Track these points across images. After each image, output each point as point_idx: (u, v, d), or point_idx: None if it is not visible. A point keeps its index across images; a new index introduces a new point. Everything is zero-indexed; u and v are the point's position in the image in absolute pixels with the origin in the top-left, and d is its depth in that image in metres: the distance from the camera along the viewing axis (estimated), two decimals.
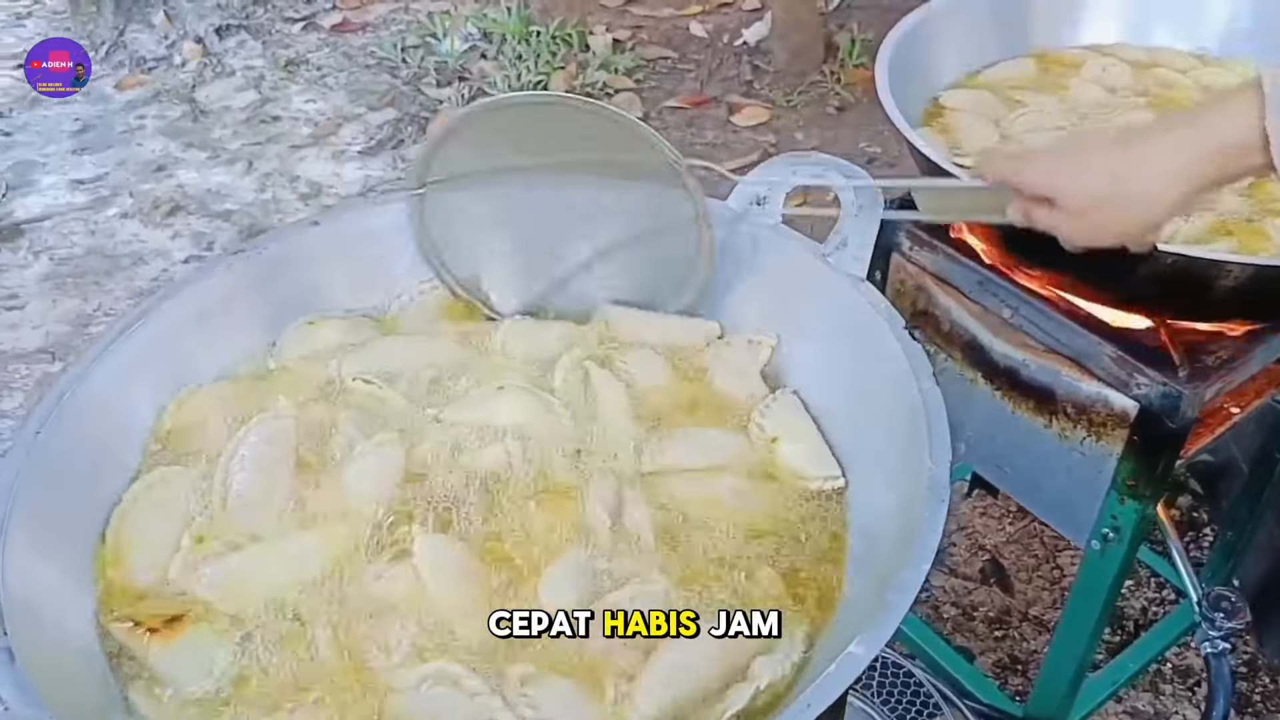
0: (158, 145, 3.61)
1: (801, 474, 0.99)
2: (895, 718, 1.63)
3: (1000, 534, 2.19)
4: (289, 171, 3.46)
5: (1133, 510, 1.23)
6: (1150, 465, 1.20)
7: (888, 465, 0.92)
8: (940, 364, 1.40)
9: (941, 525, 0.76)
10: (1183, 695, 1.90)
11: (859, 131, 3.44)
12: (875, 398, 0.96)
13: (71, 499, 0.91)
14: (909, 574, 0.73)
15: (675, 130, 3.52)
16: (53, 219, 3.26)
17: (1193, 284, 1.09)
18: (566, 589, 0.87)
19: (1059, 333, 1.22)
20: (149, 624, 0.85)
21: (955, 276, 1.33)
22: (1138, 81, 1.54)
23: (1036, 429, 1.30)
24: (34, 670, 0.74)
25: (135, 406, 1.00)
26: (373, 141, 3.57)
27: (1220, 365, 1.16)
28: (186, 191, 3.37)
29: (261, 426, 1.00)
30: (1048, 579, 2.10)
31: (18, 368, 2.72)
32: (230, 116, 3.74)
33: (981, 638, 2.01)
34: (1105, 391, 1.20)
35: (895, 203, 1.40)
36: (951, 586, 2.10)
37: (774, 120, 3.55)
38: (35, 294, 2.97)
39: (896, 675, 1.69)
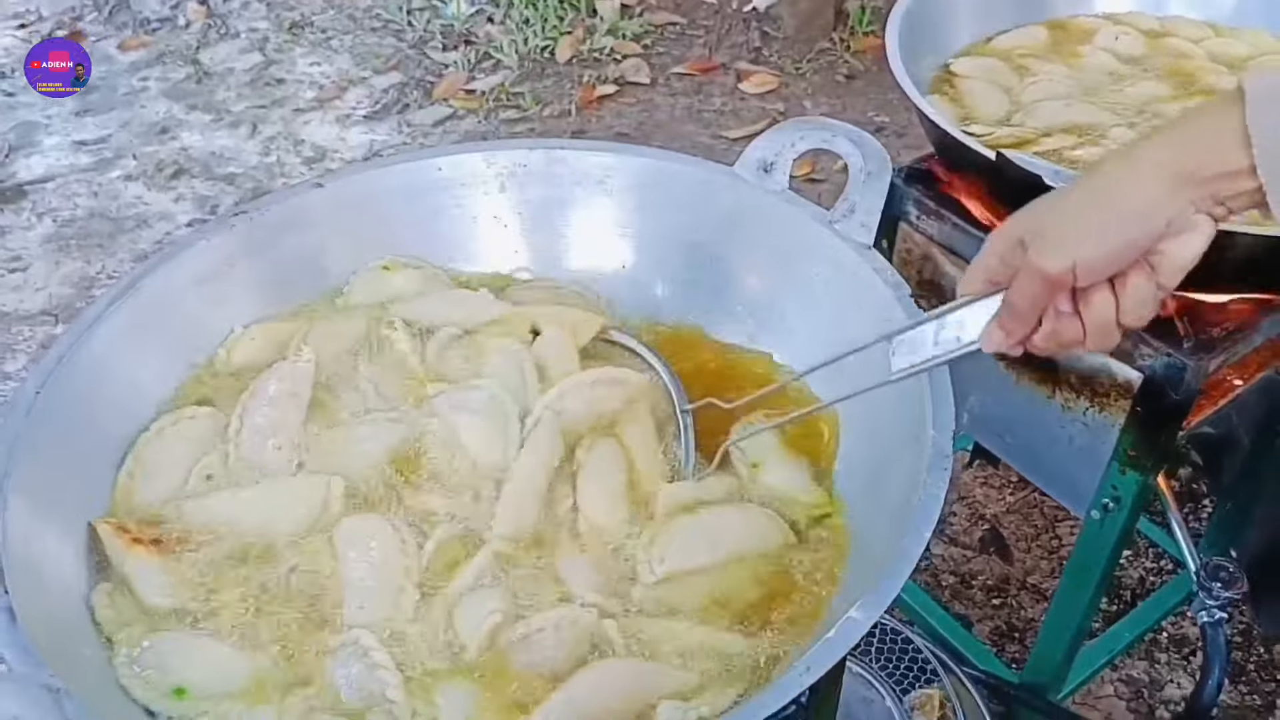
0: (161, 107, 3.59)
1: (793, 498, 0.98)
2: (893, 683, 1.64)
3: (1000, 504, 2.20)
4: (293, 135, 3.44)
5: (1133, 481, 1.24)
6: (1152, 436, 1.20)
7: (891, 433, 0.92)
8: None
9: (944, 493, 0.76)
10: (1178, 664, 1.92)
11: (868, 100, 3.42)
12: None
13: (72, 460, 0.91)
14: (910, 541, 0.73)
15: (683, 97, 3.50)
16: (55, 180, 3.25)
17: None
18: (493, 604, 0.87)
19: None
20: (134, 534, 0.89)
21: (962, 245, 1.32)
22: (1151, 51, 1.53)
23: (1039, 399, 1.30)
24: (35, 630, 0.74)
25: (136, 367, 1.00)
26: (378, 105, 3.55)
27: (1225, 337, 1.16)
28: (190, 154, 3.36)
29: (281, 371, 1.02)
30: (1046, 548, 2.11)
31: (21, 329, 2.73)
32: (234, 79, 3.72)
33: (980, 605, 2.02)
34: (1109, 362, 1.20)
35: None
36: (951, 555, 2.11)
37: (782, 88, 3.52)
38: (38, 256, 2.97)
39: (895, 641, 1.70)
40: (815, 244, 1.04)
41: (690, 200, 1.14)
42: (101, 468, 0.95)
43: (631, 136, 3.30)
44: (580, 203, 1.18)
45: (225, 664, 0.83)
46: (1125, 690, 1.88)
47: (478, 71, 3.66)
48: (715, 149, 3.21)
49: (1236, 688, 1.88)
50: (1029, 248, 0.76)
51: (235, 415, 0.99)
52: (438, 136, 3.39)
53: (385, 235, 1.16)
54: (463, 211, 1.18)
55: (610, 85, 3.55)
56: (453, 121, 3.46)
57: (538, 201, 1.18)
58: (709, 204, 1.13)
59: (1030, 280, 0.76)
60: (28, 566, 0.80)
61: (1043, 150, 1.29)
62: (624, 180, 1.16)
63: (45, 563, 0.83)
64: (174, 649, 0.83)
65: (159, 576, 0.87)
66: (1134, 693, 1.88)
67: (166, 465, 0.96)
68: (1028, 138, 1.32)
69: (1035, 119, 1.37)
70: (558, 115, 3.44)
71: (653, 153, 1.18)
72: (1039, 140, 1.32)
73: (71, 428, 0.92)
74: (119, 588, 0.87)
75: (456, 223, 1.18)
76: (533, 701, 0.80)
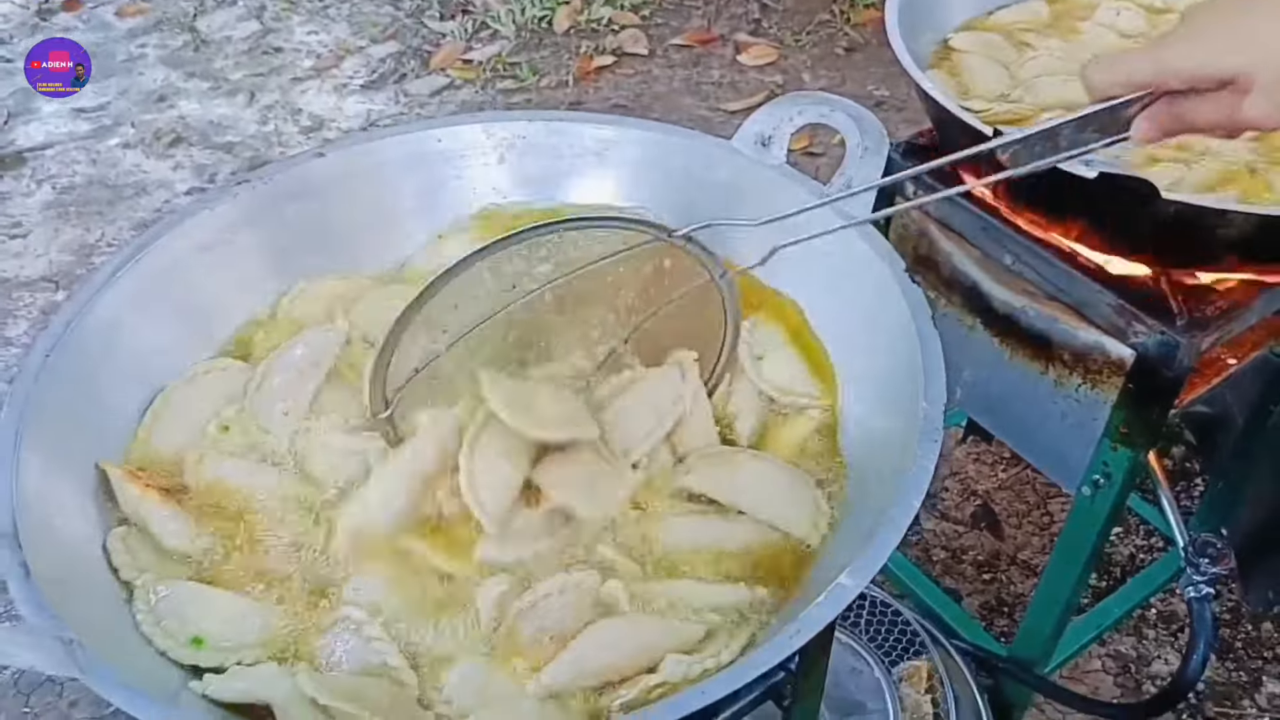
0: (159, 75, 3.58)
1: (787, 390, 1.01)
2: (882, 654, 1.66)
3: (992, 480, 2.22)
4: (291, 104, 3.43)
5: (1125, 458, 1.25)
6: (1144, 414, 1.21)
7: (884, 406, 0.93)
8: (940, 310, 1.41)
9: (933, 464, 0.77)
10: (1165, 640, 1.94)
11: (867, 73, 3.41)
12: (874, 339, 0.97)
13: (82, 420, 0.93)
14: (899, 510, 0.74)
15: (681, 69, 3.49)
16: (55, 148, 3.24)
17: (1195, 233, 1.10)
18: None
19: (1059, 280, 1.23)
20: (146, 479, 0.92)
21: (958, 222, 1.33)
22: (1151, 27, 1.53)
23: (1033, 375, 1.31)
24: (48, 585, 0.76)
25: (142, 332, 1.01)
26: (375, 75, 3.53)
27: (1219, 315, 1.17)
28: (188, 122, 3.35)
29: (309, 337, 1.04)
30: (1037, 525, 2.13)
31: (21, 295, 2.73)
32: (232, 47, 3.70)
33: (970, 580, 2.04)
34: (1103, 339, 1.21)
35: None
36: (942, 530, 2.13)
37: (781, 60, 3.51)
38: (38, 223, 2.97)
39: (885, 614, 1.72)
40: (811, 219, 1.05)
41: (688, 173, 1.14)
42: (111, 427, 0.96)
43: (629, 108, 3.29)
44: (579, 174, 1.18)
45: (240, 617, 0.85)
46: (1113, 665, 1.91)
47: (475, 41, 3.65)
48: (713, 121, 3.21)
49: (1224, 664, 1.90)
50: (1235, 89, 0.81)
51: (259, 371, 1.01)
52: (435, 106, 3.38)
53: (386, 205, 1.16)
54: (462, 183, 1.18)
55: (608, 56, 3.53)
56: (450, 91, 3.45)
57: (536, 173, 1.18)
58: (707, 177, 1.13)
59: (1221, 120, 0.83)
60: (42, 523, 0.82)
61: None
62: (622, 153, 1.17)
63: (59, 519, 0.85)
64: (191, 599, 0.85)
65: (173, 522, 0.90)
66: (1121, 667, 1.91)
67: (189, 414, 0.99)
68: (1025, 114, 1.33)
69: (1034, 95, 1.38)
70: (555, 86, 3.43)
71: (651, 126, 1.18)
72: (1037, 116, 1.32)
73: (81, 390, 0.93)
74: (134, 532, 0.90)
75: (457, 194, 1.18)
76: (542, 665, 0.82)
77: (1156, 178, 1.07)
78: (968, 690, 1.67)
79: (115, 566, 0.87)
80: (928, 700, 1.64)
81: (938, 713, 1.63)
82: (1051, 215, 1.21)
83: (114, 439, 0.96)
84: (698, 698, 0.69)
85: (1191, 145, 1.27)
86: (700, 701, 0.69)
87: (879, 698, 1.61)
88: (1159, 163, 1.23)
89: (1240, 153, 1.25)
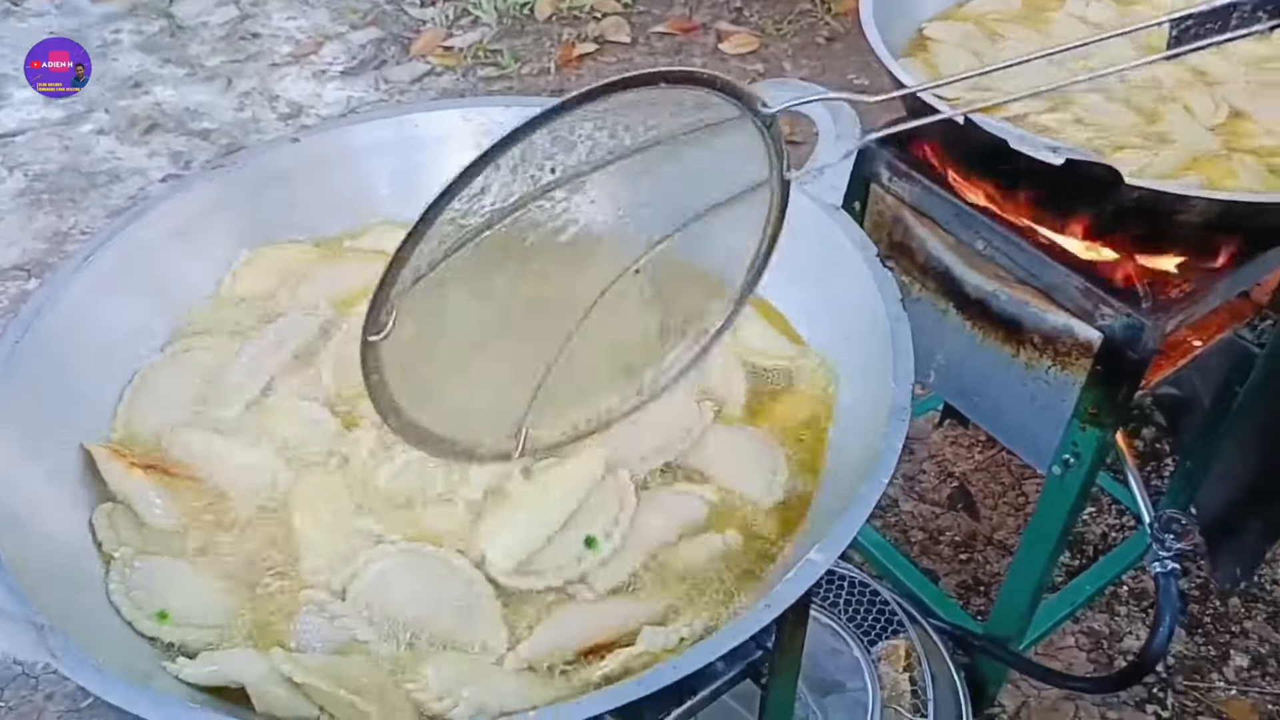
0: (134, 61, 3.55)
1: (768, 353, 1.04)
2: (860, 634, 1.69)
3: (969, 462, 2.25)
4: (269, 90, 3.41)
5: (1093, 438, 1.27)
6: (1111, 394, 1.23)
7: (853, 389, 0.95)
8: (914, 295, 1.42)
9: (900, 443, 0.79)
10: (1137, 616, 1.98)
11: (848, 62, 3.42)
12: (844, 323, 0.98)
13: (54, 406, 0.93)
14: (868, 487, 0.76)
15: (663, 56, 3.49)
16: (27, 134, 3.21)
17: (1158, 218, 1.12)
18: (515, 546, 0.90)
19: (1030, 264, 1.25)
20: (131, 458, 0.93)
21: (932, 208, 1.35)
22: (1120, 18, 1.54)
23: (1005, 358, 1.33)
24: (21, 572, 0.77)
25: (114, 319, 1.01)
26: (354, 61, 3.52)
27: (1183, 299, 1.19)
28: (164, 109, 3.33)
29: (284, 322, 1.06)
30: (1013, 505, 2.16)
31: None
32: (209, 33, 3.68)
33: (947, 560, 2.07)
34: (1071, 322, 1.23)
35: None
36: (920, 512, 2.15)
37: (762, 49, 3.52)
38: (10, 210, 2.94)
39: (863, 594, 1.75)
40: None
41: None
42: (84, 412, 0.97)
43: None
44: None
45: (207, 596, 0.86)
46: (1086, 641, 1.94)
47: (456, 28, 3.64)
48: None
49: (1193, 639, 1.94)
50: None
51: (234, 351, 1.03)
52: (415, 93, 3.37)
53: (361, 191, 1.17)
54: (438, 169, 1.18)
55: (590, 43, 3.53)
56: (430, 78, 3.44)
57: None
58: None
59: None
60: (13, 510, 0.82)
61: (1011, 115, 1.31)
62: None
63: (32, 505, 0.85)
64: (163, 574, 0.86)
65: (157, 499, 0.91)
66: (1094, 643, 1.94)
67: (167, 392, 1.00)
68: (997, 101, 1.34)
69: (1006, 83, 1.39)
70: (537, 74, 3.43)
71: None
72: (1008, 105, 1.34)
73: (52, 377, 0.93)
74: (119, 509, 0.91)
75: (433, 179, 1.18)
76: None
77: (1122, 164, 1.08)
78: (945, 668, 1.69)
79: (99, 541, 0.88)
80: (906, 678, 1.66)
81: (916, 690, 1.66)
82: (1020, 201, 1.23)
83: (87, 424, 0.96)
84: (670, 672, 0.70)
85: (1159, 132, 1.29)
86: (674, 675, 0.71)
87: (858, 676, 1.64)
88: (1124, 149, 1.25)
89: (1206, 140, 1.28)
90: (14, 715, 1.80)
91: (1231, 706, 1.84)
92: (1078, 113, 1.32)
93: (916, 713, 1.63)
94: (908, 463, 2.24)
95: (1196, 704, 1.85)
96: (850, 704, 1.62)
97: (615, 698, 0.71)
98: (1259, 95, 1.34)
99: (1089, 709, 1.83)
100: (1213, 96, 1.34)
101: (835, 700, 1.63)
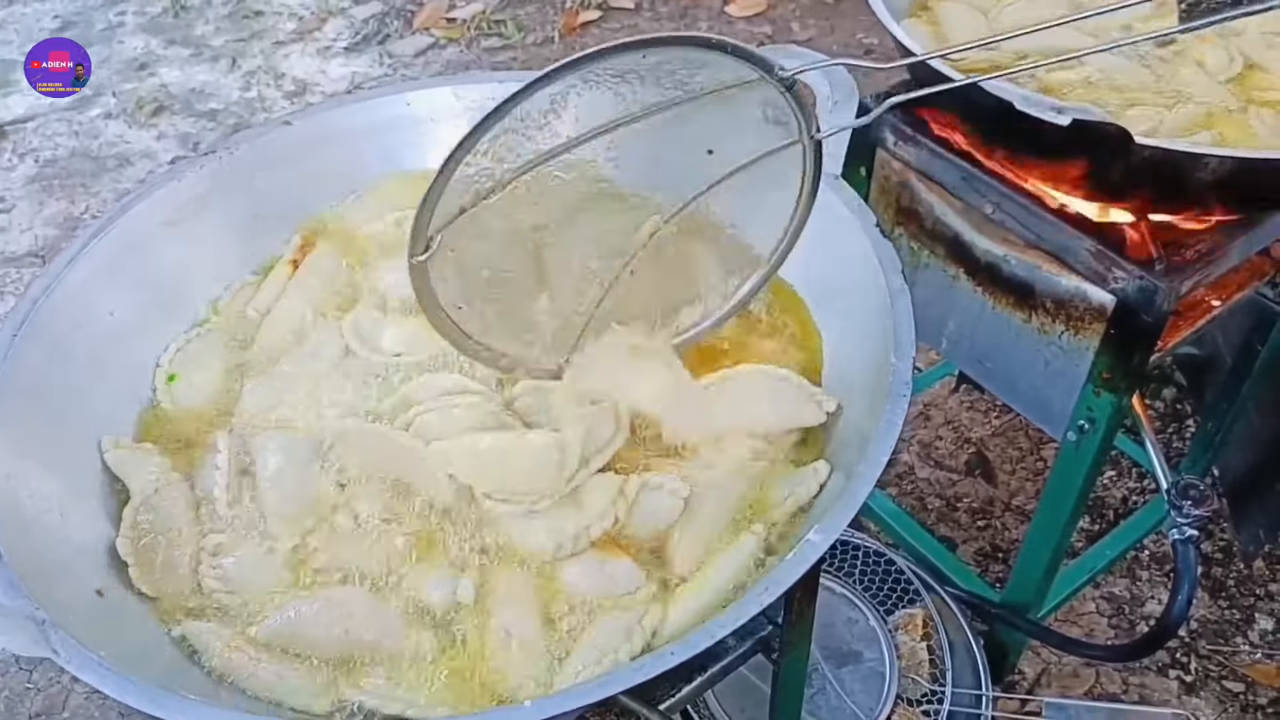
0: (139, 42, 3.54)
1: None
2: (876, 603, 1.68)
3: (986, 428, 2.22)
4: (274, 69, 3.39)
5: (1108, 403, 1.25)
6: (1126, 358, 1.21)
7: (856, 362, 0.93)
8: (923, 262, 1.40)
9: (901, 419, 0.77)
10: (1158, 581, 1.95)
11: (856, 22, 3.36)
12: (845, 295, 0.96)
13: (53, 398, 0.93)
14: (867, 466, 0.74)
15: (669, 21, 3.44)
16: (36, 120, 3.21)
17: (1171, 177, 1.09)
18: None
19: (1040, 228, 1.22)
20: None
21: (939, 172, 1.32)
22: None
23: (1016, 324, 1.31)
24: (22, 568, 0.77)
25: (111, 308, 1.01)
26: (358, 37, 3.49)
27: (1198, 259, 1.16)
28: (170, 91, 3.32)
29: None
30: (1031, 470, 2.14)
31: (8, 271, 2.73)
32: (212, 12, 3.66)
33: (965, 527, 2.05)
34: (1084, 286, 1.20)
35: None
36: (937, 479, 2.14)
37: (770, 10, 3.47)
38: (22, 196, 2.95)
39: (879, 563, 1.74)
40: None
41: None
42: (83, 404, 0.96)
43: None
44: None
45: None
46: (1107, 607, 1.93)
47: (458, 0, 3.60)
48: None
49: (1217, 602, 1.92)
50: None
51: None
52: (419, 67, 3.35)
53: (356, 171, 1.16)
54: (433, 147, 1.17)
55: (594, 11, 3.49)
56: (434, 51, 3.41)
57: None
58: None
59: None
60: (13, 505, 0.82)
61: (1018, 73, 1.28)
62: None
63: (31, 500, 0.85)
64: None
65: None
66: (1115, 609, 1.92)
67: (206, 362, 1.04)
68: (1003, 62, 1.30)
69: (1011, 42, 1.35)
70: (540, 43, 3.39)
71: None
72: (1014, 64, 1.30)
73: (52, 367, 0.93)
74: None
75: (427, 157, 1.17)
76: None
77: (1133, 123, 1.05)
78: (962, 636, 1.69)
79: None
80: (923, 647, 1.66)
81: (933, 659, 1.65)
82: (1028, 163, 1.20)
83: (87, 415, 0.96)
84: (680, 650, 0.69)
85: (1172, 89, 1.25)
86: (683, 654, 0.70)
87: (875, 646, 1.64)
88: (1136, 106, 1.21)
89: (1220, 94, 1.24)
90: (42, 696, 1.83)
91: (1256, 670, 1.82)
92: (1086, 70, 1.28)
93: (934, 681, 1.62)
94: (924, 429, 2.22)
95: (1220, 668, 1.83)
96: (867, 673, 1.62)
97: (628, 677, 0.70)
98: (1276, 45, 1.30)
99: (1110, 675, 1.82)
100: (1227, 49, 1.30)
101: (852, 670, 1.62)
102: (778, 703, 1.21)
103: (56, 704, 1.82)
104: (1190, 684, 1.80)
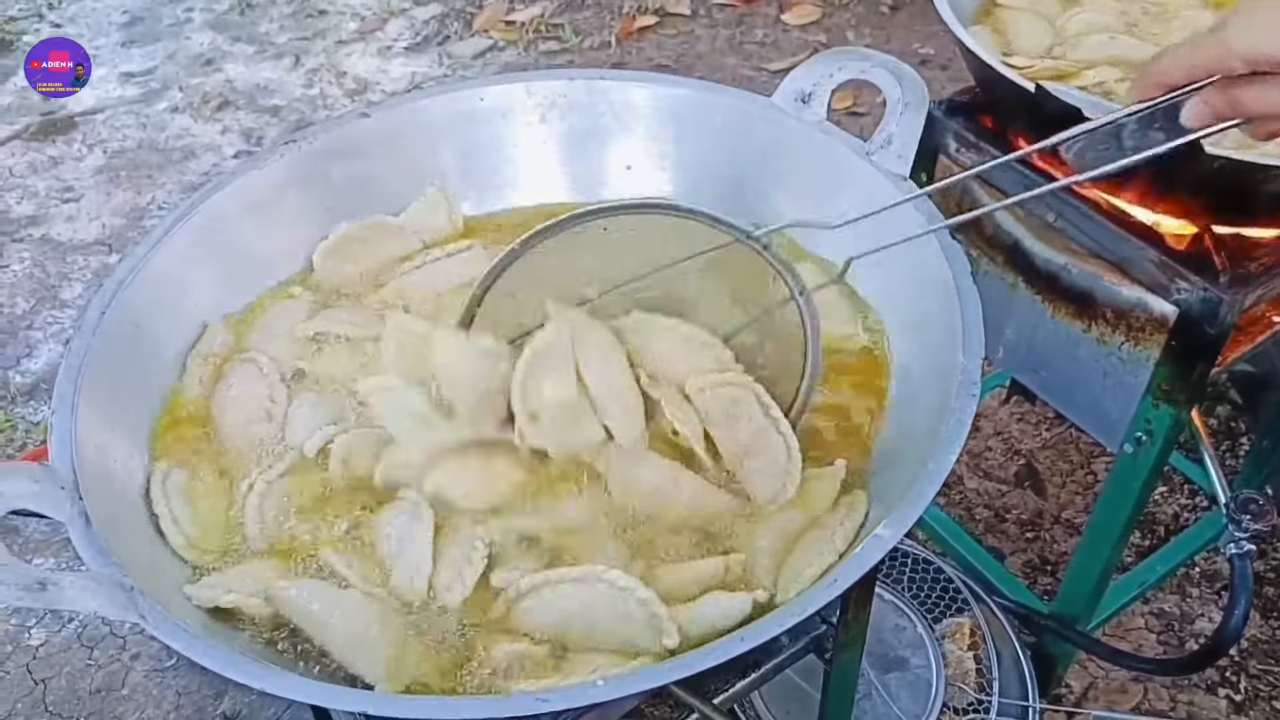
0: (205, 38, 3.62)
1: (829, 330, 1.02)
2: (924, 611, 1.68)
3: (1036, 439, 2.21)
4: (336, 67, 3.46)
5: (1167, 415, 1.24)
6: (1186, 371, 1.20)
7: (925, 361, 0.94)
8: (982, 268, 1.40)
9: (970, 417, 0.78)
10: (1209, 598, 1.93)
11: (911, 32, 3.36)
12: (914, 296, 0.97)
13: (134, 376, 0.96)
14: (936, 463, 0.75)
15: (724, 28, 3.46)
16: (105, 112, 3.30)
17: (1239, 188, 1.08)
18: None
19: (1102, 237, 1.22)
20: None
21: (1000, 179, 1.32)
22: None
23: (1075, 333, 1.31)
24: (107, 532, 0.79)
25: (192, 291, 1.04)
26: (419, 38, 3.55)
27: (1263, 272, 1.15)
28: (235, 86, 3.39)
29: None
30: (1081, 484, 2.13)
31: (75, 259, 2.80)
32: (277, 10, 3.73)
33: (1013, 539, 2.04)
34: (1145, 296, 1.20)
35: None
36: (985, 489, 2.13)
37: (825, 19, 3.48)
38: (90, 186, 3.03)
39: (928, 571, 1.74)
40: (851, 175, 1.05)
41: (728, 131, 1.14)
42: (162, 380, 1.00)
43: (672, 68, 3.28)
44: (619, 133, 1.19)
45: None
46: (1156, 623, 1.91)
47: (517, 2, 3.64)
48: (756, 81, 3.18)
49: (1268, 622, 1.89)
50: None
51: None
52: (478, 68, 3.39)
53: (430, 164, 1.18)
54: (505, 141, 1.20)
55: (651, 16, 3.52)
56: (493, 53, 3.45)
57: (578, 132, 1.19)
58: (746, 135, 1.13)
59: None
60: (99, 473, 0.85)
61: (1085, 84, 1.28)
62: (662, 111, 1.17)
63: (115, 469, 0.89)
64: None
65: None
66: (1165, 625, 1.90)
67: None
68: (1069, 70, 1.31)
69: (1078, 51, 1.35)
70: (597, 47, 3.42)
71: (690, 84, 1.19)
72: (1081, 73, 1.30)
73: (134, 345, 0.97)
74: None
75: (500, 152, 1.20)
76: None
77: None
78: (1010, 647, 1.68)
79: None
80: (970, 657, 1.65)
81: (980, 669, 1.65)
82: None
83: (165, 392, 0.99)
84: (736, 644, 0.71)
85: None
86: (740, 647, 0.71)
87: (922, 654, 1.63)
88: None
89: None
90: (103, 673, 1.88)
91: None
92: None
93: (981, 691, 1.62)
94: (974, 439, 2.21)
95: (1270, 688, 1.80)
96: (913, 681, 1.62)
97: (680, 669, 0.71)
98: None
99: (1158, 691, 1.80)
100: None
101: (898, 677, 1.62)
102: (828, 704, 1.22)
103: (116, 681, 1.87)
104: (1239, 703, 1.78)
